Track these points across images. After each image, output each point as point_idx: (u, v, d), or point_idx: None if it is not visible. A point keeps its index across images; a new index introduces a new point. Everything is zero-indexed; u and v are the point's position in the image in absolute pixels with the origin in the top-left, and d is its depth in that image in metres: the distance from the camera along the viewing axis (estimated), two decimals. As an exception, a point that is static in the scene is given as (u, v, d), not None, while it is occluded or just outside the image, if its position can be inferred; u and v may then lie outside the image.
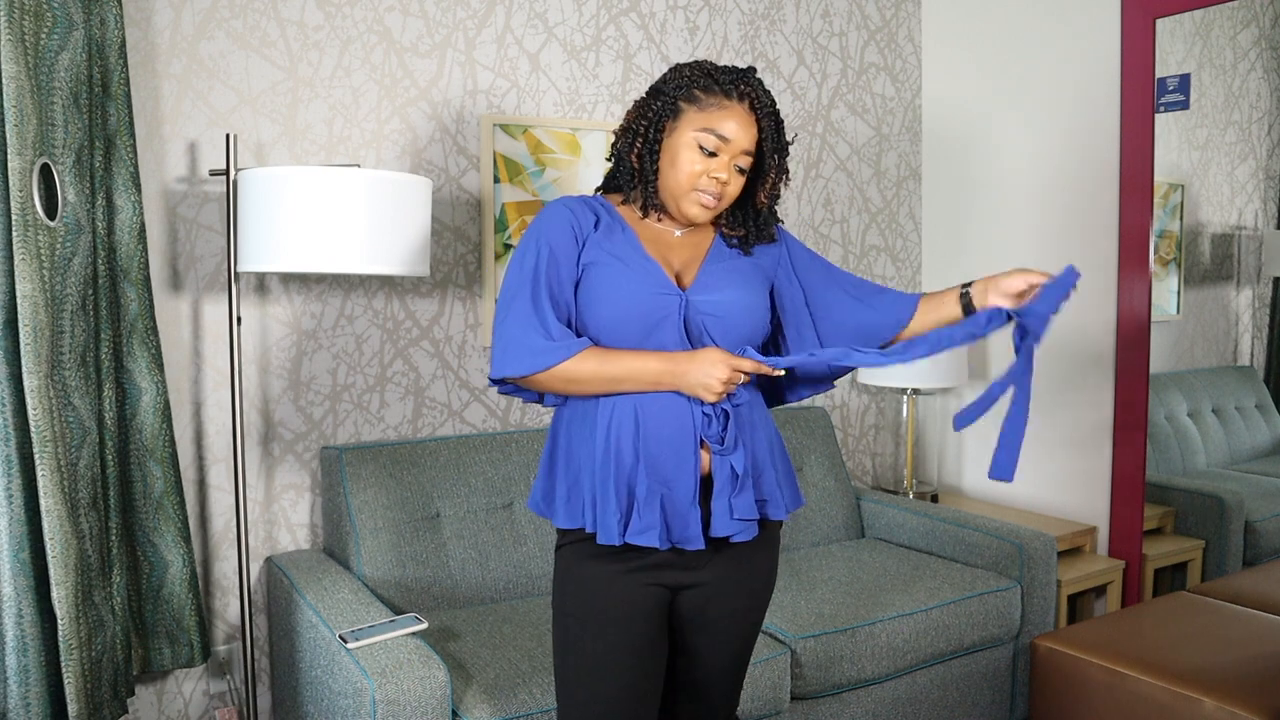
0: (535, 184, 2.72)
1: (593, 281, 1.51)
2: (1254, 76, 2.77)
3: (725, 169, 1.52)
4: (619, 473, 1.48)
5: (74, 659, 1.81)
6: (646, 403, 1.49)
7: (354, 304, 2.53)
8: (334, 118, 2.47)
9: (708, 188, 1.52)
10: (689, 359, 1.47)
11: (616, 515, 1.48)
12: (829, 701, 2.26)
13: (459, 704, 1.86)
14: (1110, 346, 2.91)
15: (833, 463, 2.99)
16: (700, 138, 1.51)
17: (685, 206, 1.54)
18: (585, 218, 1.56)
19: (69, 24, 1.87)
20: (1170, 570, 2.89)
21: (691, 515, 1.49)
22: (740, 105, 1.52)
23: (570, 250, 1.52)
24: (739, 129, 1.51)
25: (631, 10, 2.87)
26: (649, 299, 1.51)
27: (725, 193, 1.54)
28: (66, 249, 1.87)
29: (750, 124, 1.52)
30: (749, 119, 1.52)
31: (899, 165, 3.45)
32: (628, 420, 1.49)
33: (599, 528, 1.50)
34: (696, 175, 1.51)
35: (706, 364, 1.46)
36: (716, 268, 1.59)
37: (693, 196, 1.53)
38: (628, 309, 1.50)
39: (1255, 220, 2.79)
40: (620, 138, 1.61)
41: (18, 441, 1.79)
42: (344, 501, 2.34)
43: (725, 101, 1.51)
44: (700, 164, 1.51)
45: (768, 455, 1.58)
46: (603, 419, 1.51)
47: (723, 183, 1.52)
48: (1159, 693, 2.12)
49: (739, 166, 1.54)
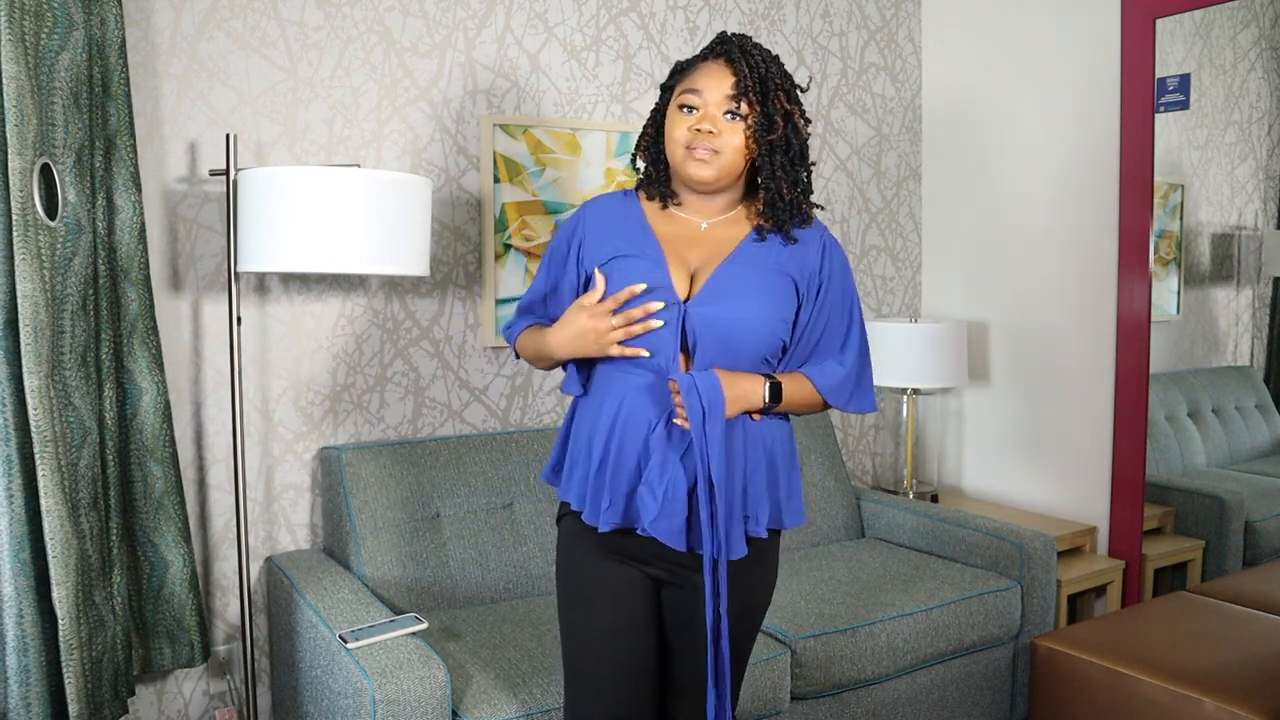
0: (535, 184, 2.72)
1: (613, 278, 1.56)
2: (1254, 76, 2.77)
3: (709, 120, 1.51)
4: (603, 459, 1.55)
5: (74, 659, 1.81)
6: (631, 394, 1.54)
7: (354, 304, 2.53)
8: (334, 118, 2.47)
9: (697, 143, 1.52)
10: (562, 324, 1.57)
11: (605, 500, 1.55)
12: (829, 701, 2.27)
13: (459, 704, 1.86)
14: (1110, 346, 2.92)
15: (833, 463, 2.99)
16: (680, 100, 1.55)
17: (686, 170, 1.54)
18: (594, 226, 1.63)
19: (69, 24, 1.87)
20: (1170, 570, 2.89)
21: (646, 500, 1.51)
22: (715, 61, 1.54)
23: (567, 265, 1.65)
24: (711, 79, 1.52)
25: (631, 10, 2.87)
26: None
27: (720, 145, 1.51)
28: (67, 249, 1.87)
29: (725, 73, 1.52)
30: (724, 69, 1.52)
31: (899, 165, 3.45)
32: (611, 409, 1.56)
33: (586, 509, 1.58)
34: (684, 136, 1.53)
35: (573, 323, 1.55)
36: (734, 270, 1.55)
37: (686, 156, 1.53)
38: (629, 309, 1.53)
39: (1255, 220, 2.79)
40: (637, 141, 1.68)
41: (18, 441, 1.79)
42: (344, 501, 2.34)
43: (700, 64, 1.55)
44: (683, 123, 1.53)
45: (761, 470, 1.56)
46: (600, 406, 1.58)
47: (711, 134, 1.51)
48: (1159, 693, 2.12)
49: (729, 113, 1.51)
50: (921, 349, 3.02)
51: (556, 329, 1.58)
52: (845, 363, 1.60)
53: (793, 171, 1.55)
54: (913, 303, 3.52)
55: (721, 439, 1.48)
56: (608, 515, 1.54)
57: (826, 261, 1.59)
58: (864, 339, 1.64)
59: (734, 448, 1.53)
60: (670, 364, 1.53)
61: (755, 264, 1.55)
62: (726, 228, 1.59)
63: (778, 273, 1.55)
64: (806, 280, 1.57)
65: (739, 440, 1.54)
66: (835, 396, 1.61)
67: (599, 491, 1.55)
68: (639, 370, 1.55)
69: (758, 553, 1.59)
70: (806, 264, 1.57)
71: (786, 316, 1.56)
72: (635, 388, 1.54)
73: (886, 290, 3.45)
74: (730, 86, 1.50)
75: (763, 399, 1.53)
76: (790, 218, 1.57)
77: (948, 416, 3.44)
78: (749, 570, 1.58)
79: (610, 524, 1.54)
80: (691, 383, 1.47)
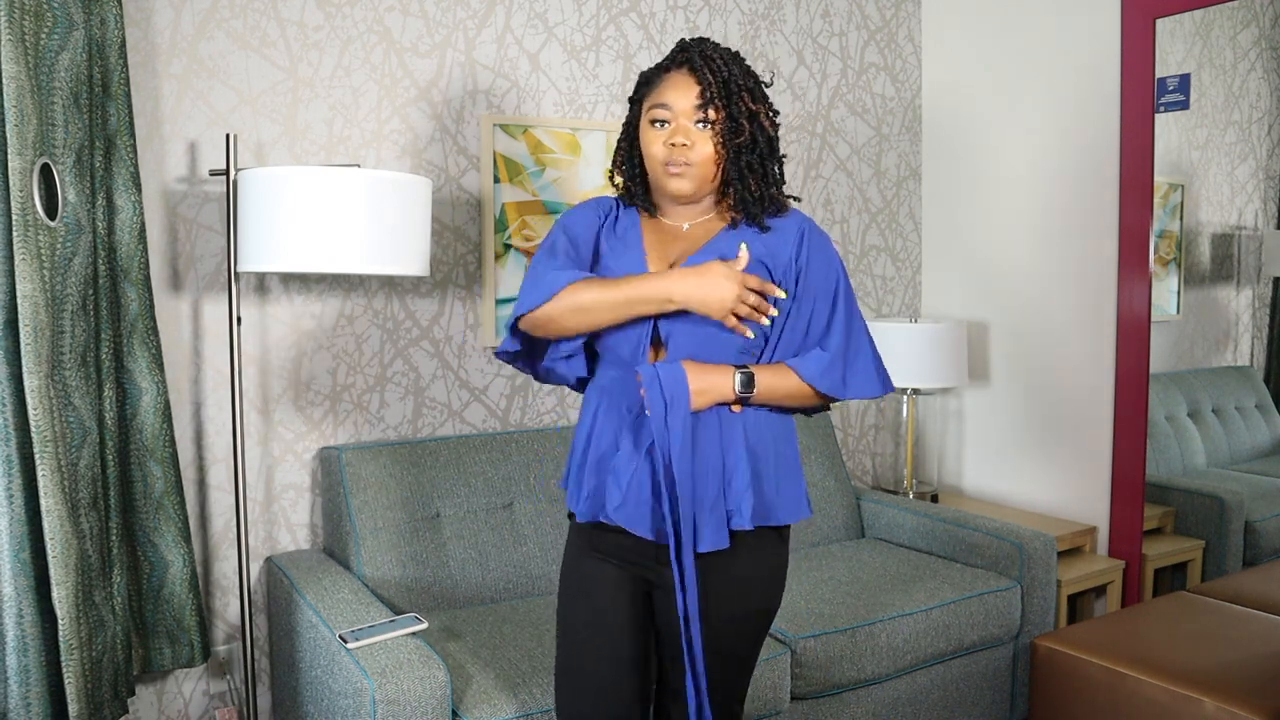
0: (535, 184, 2.72)
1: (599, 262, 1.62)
2: (1254, 76, 2.77)
3: (681, 133, 1.53)
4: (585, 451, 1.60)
5: (74, 659, 1.81)
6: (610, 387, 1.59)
7: (354, 304, 2.53)
8: (334, 118, 2.47)
9: (671, 157, 1.53)
10: (696, 273, 1.49)
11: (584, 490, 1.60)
12: (829, 701, 2.27)
13: (459, 704, 1.86)
14: (1110, 346, 2.92)
15: (833, 463, 2.99)
16: (650, 115, 1.56)
17: (664, 184, 1.57)
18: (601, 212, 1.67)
19: (69, 24, 1.87)
20: (1170, 570, 2.89)
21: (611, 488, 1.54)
22: (678, 72, 1.55)
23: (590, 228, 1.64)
24: (677, 91, 1.54)
25: (631, 10, 2.87)
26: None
27: (693, 156, 1.53)
28: (67, 249, 1.87)
29: (689, 83, 1.53)
30: (688, 79, 1.54)
31: (899, 165, 3.45)
32: (594, 403, 1.62)
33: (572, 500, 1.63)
34: (659, 151, 1.54)
35: (713, 277, 1.47)
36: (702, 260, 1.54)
37: (664, 171, 1.55)
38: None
39: (1255, 220, 2.79)
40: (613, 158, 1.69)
41: (18, 441, 1.79)
42: (344, 501, 2.34)
43: (664, 75, 1.57)
44: (657, 139, 1.55)
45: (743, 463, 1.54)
46: (588, 402, 1.64)
47: (685, 147, 1.52)
48: (1159, 693, 2.12)
49: (700, 123, 1.53)
50: (921, 349, 3.02)
51: (682, 272, 1.50)
52: (829, 347, 1.57)
53: (761, 167, 1.57)
54: (913, 303, 3.52)
55: (685, 431, 1.48)
56: (586, 505, 1.59)
57: (804, 249, 1.57)
58: (853, 321, 1.60)
59: (709, 439, 1.53)
60: (639, 356, 1.55)
61: (725, 253, 1.55)
62: (705, 226, 1.63)
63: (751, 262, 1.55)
64: (783, 268, 1.56)
65: (714, 432, 1.53)
66: (824, 383, 1.56)
67: (579, 483, 1.61)
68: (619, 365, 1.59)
69: (745, 549, 1.56)
70: (782, 252, 1.57)
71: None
72: (612, 380, 1.59)
73: (886, 290, 3.45)
74: (696, 96, 1.52)
75: (733, 390, 1.52)
76: (762, 210, 1.58)
77: (948, 416, 3.44)
78: (730, 565, 1.55)
79: (588, 514, 1.59)
80: (654, 374, 1.49)
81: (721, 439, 1.54)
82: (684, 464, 1.48)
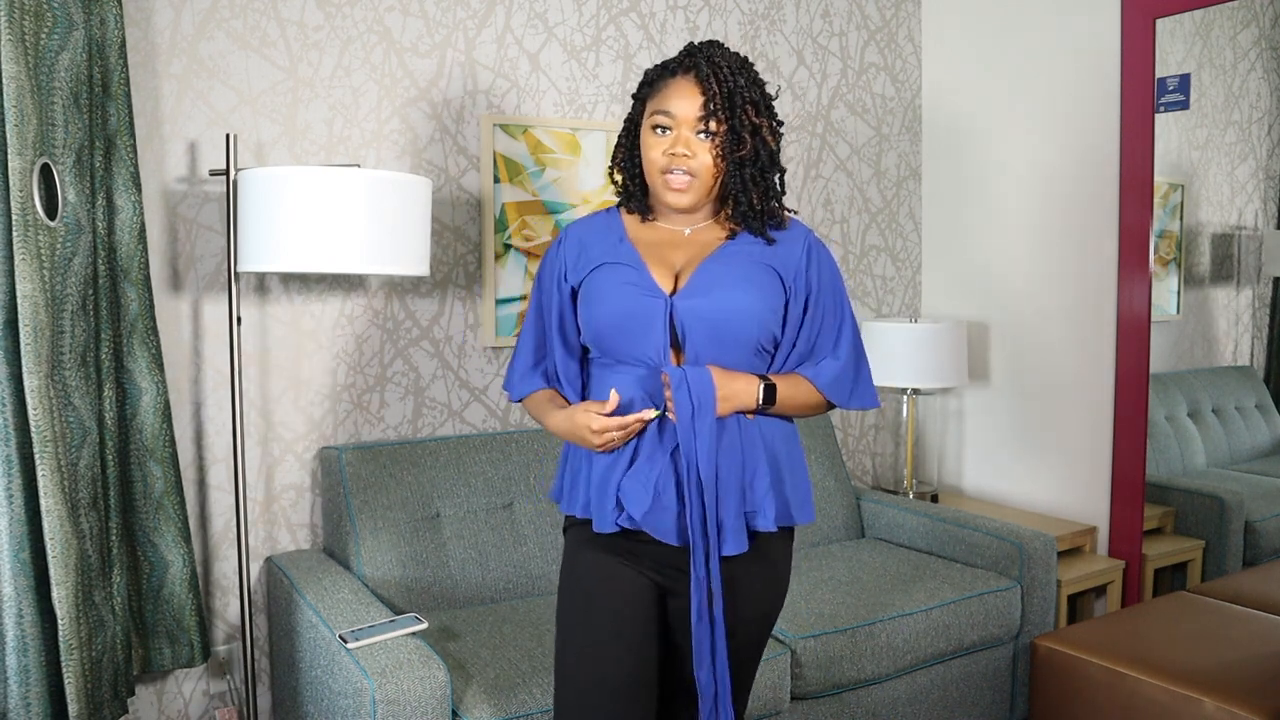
0: (535, 184, 2.72)
1: (589, 288, 1.58)
2: (1254, 76, 2.77)
3: (683, 143, 1.52)
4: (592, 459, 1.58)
5: (74, 659, 1.81)
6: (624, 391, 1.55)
7: (354, 304, 2.53)
8: (334, 118, 2.47)
9: (672, 167, 1.52)
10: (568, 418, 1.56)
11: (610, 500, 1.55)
12: (829, 701, 2.27)
13: (459, 704, 1.86)
14: (1110, 346, 2.92)
15: (833, 463, 2.99)
16: (652, 121, 1.54)
17: (662, 195, 1.56)
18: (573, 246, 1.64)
19: (69, 24, 1.87)
20: (1170, 570, 2.89)
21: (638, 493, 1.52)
22: (684, 78, 1.53)
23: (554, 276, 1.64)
24: (681, 99, 1.52)
25: (631, 10, 2.87)
26: (633, 301, 1.54)
27: (694, 166, 1.52)
28: (67, 249, 1.87)
29: (694, 91, 1.52)
30: (693, 87, 1.52)
31: (899, 165, 3.45)
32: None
33: (594, 514, 1.57)
34: (659, 159, 1.53)
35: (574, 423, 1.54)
36: (716, 266, 1.56)
37: (662, 181, 1.54)
38: (614, 310, 1.55)
39: (1255, 220, 2.79)
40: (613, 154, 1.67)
41: (18, 441, 1.79)
42: (344, 501, 2.34)
43: (669, 80, 1.55)
44: (658, 146, 1.53)
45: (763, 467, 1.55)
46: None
47: (685, 157, 1.52)
48: (1159, 693, 2.12)
49: (702, 133, 1.52)
50: (921, 349, 3.02)
51: (559, 418, 1.58)
52: (840, 356, 1.60)
53: (763, 181, 1.57)
54: (913, 303, 3.52)
55: (711, 436, 1.48)
56: (613, 515, 1.54)
57: (814, 263, 1.59)
58: (856, 334, 1.64)
59: (731, 444, 1.52)
60: (662, 358, 1.53)
61: (738, 258, 1.57)
62: (706, 233, 1.62)
63: (761, 266, 1.56)
64: (793, 275, 1.57)
65: (735, 437, 1.53)
66: (835, 393, 1.60)
67: (603, 494, 1.55)
68: (630, 366, 1.56)
69: (762, 551, 1.57)
70: (790, 261, 1.58)
71: (775, 307, 1.56)
72: (628, 383, 1.55)
73: (886, 290, 3.45)
74: (699, 107, 1.51)
75: (756, 400, 1.53)
76: (764, 223, 1.59)
77: (948, 416, 3.44)
78: (748, 569, 1.57)
79: (615, 524, 1.54)
80: (683, 376, 1.47)
81: (742, 442, 1.54)
82: (710, 469, 1.48)
